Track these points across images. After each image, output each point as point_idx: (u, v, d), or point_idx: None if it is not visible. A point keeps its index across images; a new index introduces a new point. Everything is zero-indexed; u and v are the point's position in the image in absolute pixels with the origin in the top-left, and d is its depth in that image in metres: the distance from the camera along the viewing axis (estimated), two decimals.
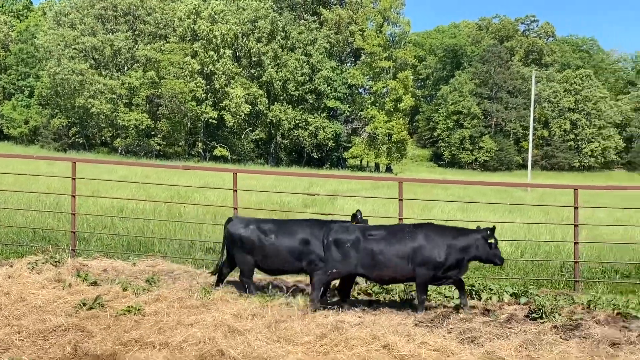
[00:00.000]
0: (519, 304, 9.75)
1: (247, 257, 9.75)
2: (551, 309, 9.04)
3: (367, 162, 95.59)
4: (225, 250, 10.12)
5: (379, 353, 6.89)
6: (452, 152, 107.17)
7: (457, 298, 9.76)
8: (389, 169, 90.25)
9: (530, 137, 72.61)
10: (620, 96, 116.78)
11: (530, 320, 8.78)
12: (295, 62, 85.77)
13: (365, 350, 6.91)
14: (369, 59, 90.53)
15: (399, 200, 12.11)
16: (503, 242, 14.72)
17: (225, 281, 10.29)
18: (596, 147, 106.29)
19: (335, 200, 30.75)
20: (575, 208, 11.75)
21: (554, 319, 8.67)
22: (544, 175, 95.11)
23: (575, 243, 11.58)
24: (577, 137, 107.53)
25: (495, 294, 10.23)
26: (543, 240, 15.48)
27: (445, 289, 10.19)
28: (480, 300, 9.97)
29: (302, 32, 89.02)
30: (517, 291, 10.42)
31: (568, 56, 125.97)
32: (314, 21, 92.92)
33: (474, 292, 10.25)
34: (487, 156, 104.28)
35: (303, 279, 10.64)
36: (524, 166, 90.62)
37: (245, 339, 7.18)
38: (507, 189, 55.29)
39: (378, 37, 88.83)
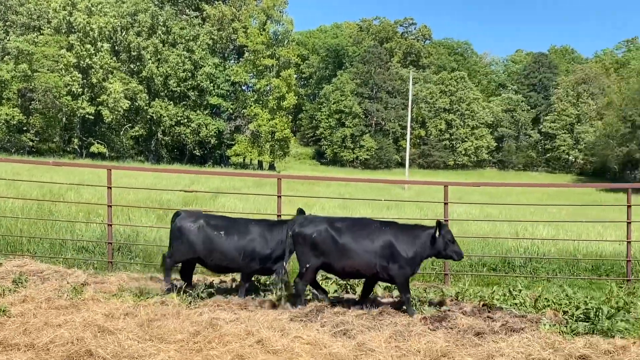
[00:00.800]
0: (392, 297, 10.05)
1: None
2: (421, 301, 9.38)
3: (251, 159, 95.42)
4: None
5: (253, 348, 6.91)
6: (334, 150, 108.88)
7: (334, 292, 9.99)
8: (272, 167, 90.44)
9: (408, 137, 74.89)
10: (492, 98, 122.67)
11: (402, 312, 9.06)
12: (176, 57, 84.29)
13: (239, 346, 6.90)
14: (252, 57, 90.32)
15: (278, 197, 12.19)
16: None
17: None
18: (469, 147, 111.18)
19: (216, 197, 30.52)
20: (445, 204, 12.23)
21: (423, 310, 9.00)
22: (421, 173, 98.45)
23: None
24: (452, 137, 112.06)
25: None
26: None
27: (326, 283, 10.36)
28: (355, 294, 10.20)
29: (184, 28, 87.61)
30: (389, 285, 10.74)
31: (444, 58, 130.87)
32: (196, 17, 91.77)
33: (349, 287, 10.47)
34: (367, 154, 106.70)
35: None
36: (402, 164, 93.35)
37: (115, 338, 7.00)
38: (386, 187, 56.82)
39: (261, 35, 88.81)
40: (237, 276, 10.52)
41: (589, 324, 8.19)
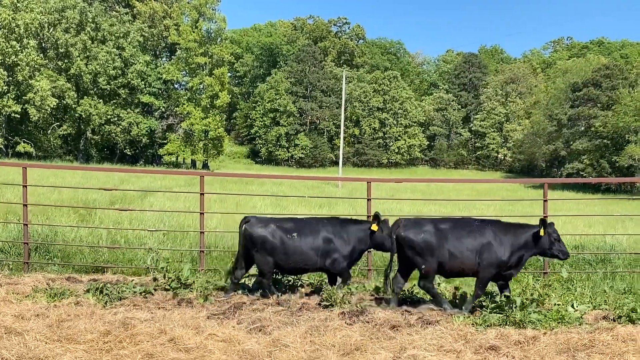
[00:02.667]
0: (315, 293, 10.07)
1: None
2: (342, 296, 9.43)
3: (184, 159, 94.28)
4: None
5: (164, 347, 6.80)
6: (269, 149, 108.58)
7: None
8: (205, 166, 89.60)
9: (342, 135, 75.34)
10: (424, 97, 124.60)
11: (322, 308, 9.08)
12: (106, 54, 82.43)
13: (150, 345, 6.78)
14: (184, 55, 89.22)
15: (200, 194, 12.09)
16: None
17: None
18: (402, 145, 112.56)
19: (145, 196, 30.05)
20: (368, 200, 12.32)
21: (343, 306, 9.04)
22: (355, 171, 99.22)
23: None
24: (386, 135, 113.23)
25: (291, 284, 10.50)
26: None
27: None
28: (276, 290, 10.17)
29: (114, 25, 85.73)
30: (313, 281, 10.77)
31: (377, 58, 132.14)
32: (127, 13, 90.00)
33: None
34: (302, 153, 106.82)
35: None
36: (337, 163, 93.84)
37: (22, 339, 6.79)
38: (320, 185, 56.99)
39: (194, 32, 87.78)
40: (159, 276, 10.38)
41: (502, 316, 8.39)
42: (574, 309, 9.23)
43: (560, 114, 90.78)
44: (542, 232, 9.24)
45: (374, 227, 9.76)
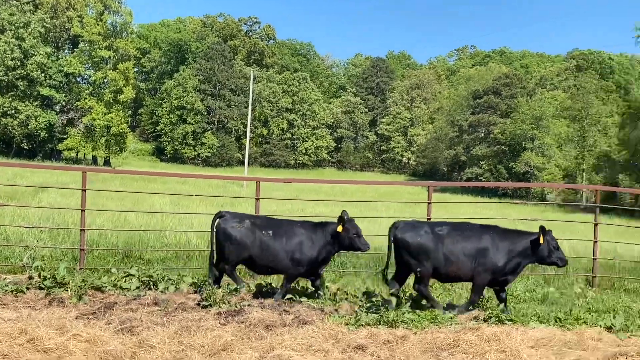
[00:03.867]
0: (197, 292, 9.94)
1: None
2: (222, 296, 9.33)
3: (84, 154, 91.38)
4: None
5: (22, 347, 6.53)
6: (175, 147, 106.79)
7: (135, 289, 9.76)
8: (107, 163, 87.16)
9: (248, 135, 75.15)
10: (333, 99, 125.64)
11: (201, 308, 8.98)
12: (4, 45, 78.99)
13: (7, 346, 6.50)
14: (88, 48, 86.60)
15: (82, 191, 11.74)
16: (196, 232, 14.95)
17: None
18: (310, 146, 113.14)
19: (37, 192, 29.08)
20: (257, 200, 12.29)
21: (222, 305, 8.96)
22: (262, 172, 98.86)
23: None
24: (293, 136, 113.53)
25: (173, 283, 10.31)
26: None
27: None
28: (157, 290, 9.98)
29: (14, 14, 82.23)
30: (196, 281, 10.62)
31: (287, 59, 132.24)
32: (28, 3, 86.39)
33: (152, 283, 10.23)
34: (209, 152, 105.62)
35: None
36: (244, 162, 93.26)
37: None
38: (225, 184, 56.61)
39: (98, 25, 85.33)
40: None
41: (377, 316, 8.52)
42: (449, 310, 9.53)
43: (462, 120, 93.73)
44: (541, 240, 9.32)
45: (339, 228, 9.65)
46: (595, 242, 13.12)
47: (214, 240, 9.94)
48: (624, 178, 62.39)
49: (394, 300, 8.98)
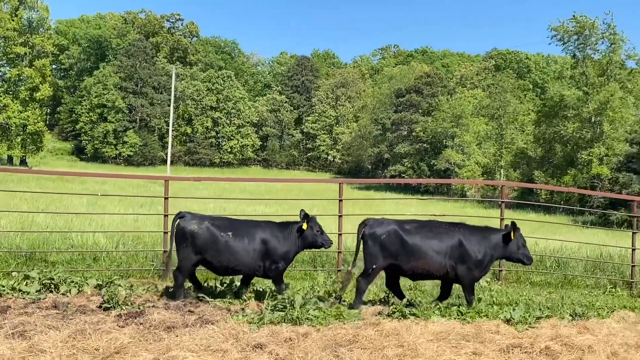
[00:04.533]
0: (100, 294, 9.69)
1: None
2: (125, 298, 9.12)
3: None
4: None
5: None
6: (95, 146, 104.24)
7: (36, 292, 9.46)
8: (24, 162, 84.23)
9: (170, 133, 74.20)
10: (258, 97, 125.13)
11: (102, 310, 8.76)
12: None
13: None
14: (2, 44, 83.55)
15: None
16: (101, 232, 14.60)
17: None
18: (235, 145, 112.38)
19: None
20: (166, 199, 12.09)
21: (124, 307, 8.78)
22: (186, 171, 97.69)
23: (165, 232, 11.91)
24: (218, 135, 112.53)
25: (75, 286, 10.04)
26: (148, 230, 15.65)
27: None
28: (58, 293, 9.70)
29: None
30: (101, 282, 10.36)
31: (212, 56, 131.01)
32: None
33: (53, 286, 9.94)
34: (131, 151, 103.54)
35: None
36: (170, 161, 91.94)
37: None
38: (147, 184, 55.54)
39: (13, 20, 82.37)
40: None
41: (282, 314, 8.50)
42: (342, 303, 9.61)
43: (385, 118, 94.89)
44: (512, 236, 9.50)
45: (304, 226, 9.74)
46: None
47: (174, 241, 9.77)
48: (540, 174, 64.44)
49: (298, 297, 8.98)
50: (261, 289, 10.47)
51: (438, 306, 9.35)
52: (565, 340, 7.56)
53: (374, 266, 9.49)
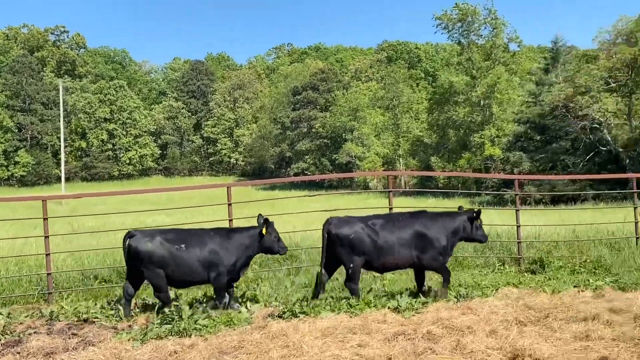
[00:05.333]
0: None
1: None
2: (4, 327, 8.70)
3: None
4: None
5: None
6: None
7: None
8: None
9: (62, 149, 71.54)
10: (154, 105, 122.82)
11: None
12: None
13: None
14: None
15: None
16: None
17: None
18: (134, 155, 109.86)
19: None
20: (45, 219, 11.61)
21: (4, 337, 8.39)
22: (84, 187, 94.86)
23: (47, 254, 11.44)
24: (115, 147, 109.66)
25: None
26: (29, 254, 14.96)
27: None
28: None
29: None
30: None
31: (101, 67, 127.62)
32: None
33: None
34: (24, 171, 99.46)
35: None
36: (66, 178, 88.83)
37: None
38: (40, 204, 53.47)
39: None
40: None
41: (169, 326, 8.30)
42: (247, 309, 9.50)
43: (284, 117, 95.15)
44: (478, 221, 9.93)
45: (264, 231, 9.61)
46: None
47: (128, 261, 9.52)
48: (436, 160, 66.27)
49: (186, 308, 8.81)
50: (150, 302, 10.21)
51: (328, 301, 9.40)
52: (447, 323, 7.74)
53: (352, 265, 9.59)
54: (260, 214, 9.83)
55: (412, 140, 79.11)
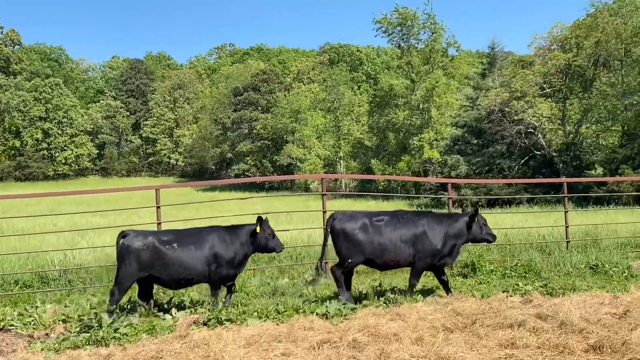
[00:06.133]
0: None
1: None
2: None
3: None
4: None
5: None
6: None
7: None
8: None
9: None
10: (91, 104, 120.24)
11: None
12: None
13: None
14: None
15: None
16: None
17: None
18: (70, 155, 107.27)
19: None
20: None
21: None
22: (18, 187, 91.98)
23: None
24: (50, 146, 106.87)
25: None
26: None
27: None
28: None
29: None
30: None
31: (37, 64, 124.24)
32: None
33: None
34: None
35: None
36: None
37: None
38: None
39: None
40: None
41: (88, 335, 7.97)
42: (172, 315, 9.21)
43: (225, 117, 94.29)
44: (477, 220, 9.89)
45: (258, 229, 9.60)
46: (325, 228, 13.47)
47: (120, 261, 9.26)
48: (376, 162, 66.67)
49: (105, 316, 8.48)
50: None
51: (256, 308, 9.20)
52: (373, 330, 7.60)
53: (350, 261, 9.65)
54: (259, 216, 9.82)
55: (353, 142, 79.46)
